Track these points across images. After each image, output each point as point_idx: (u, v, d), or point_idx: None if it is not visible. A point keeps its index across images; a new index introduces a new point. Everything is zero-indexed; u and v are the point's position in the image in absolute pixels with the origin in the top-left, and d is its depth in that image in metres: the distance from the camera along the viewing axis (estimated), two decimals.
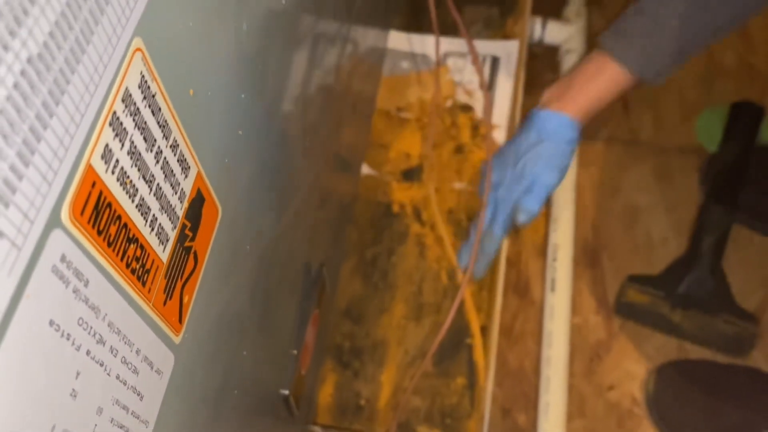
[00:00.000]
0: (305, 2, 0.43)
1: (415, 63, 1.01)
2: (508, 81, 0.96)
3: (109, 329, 0.23)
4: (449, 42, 0.98)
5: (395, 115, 0.98)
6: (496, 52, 0.99)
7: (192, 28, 0.26)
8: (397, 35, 1.00)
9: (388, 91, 0.99)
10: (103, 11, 0.20)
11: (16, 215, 0.17)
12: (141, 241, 0.25)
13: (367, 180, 0.95)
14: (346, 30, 0.59)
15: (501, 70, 0.98)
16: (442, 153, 0.96)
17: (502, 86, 0.96)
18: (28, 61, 0.17)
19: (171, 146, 0.26)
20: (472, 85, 0.97)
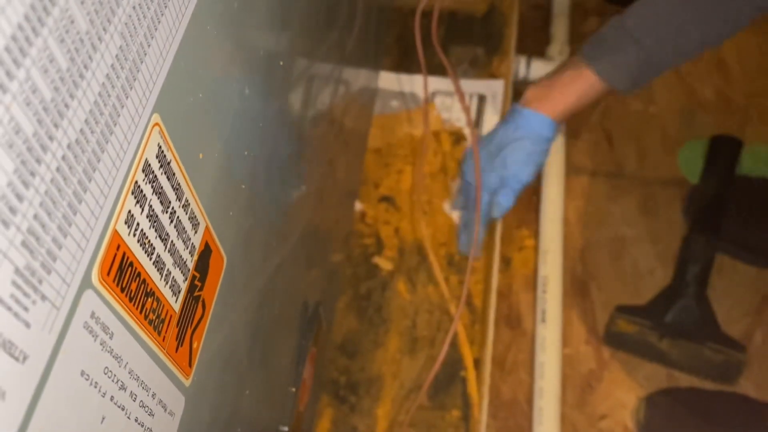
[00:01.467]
0: (301, 59, 0.46)
1: (405, 101, 1.04)
2: (494, 118, 1.00)
3: (129, 376, 0.26)
4: (437, 81, 1.02)
5: (386, 153, 1.01)
6: (483, 91, 1.03)
7: (201, 98, 0.29)
8: (387, 75, 1.03)
9: (379, 129, 1.02)
10: (128, 95, 0.23)
11: (56, 280, 0.20)
12: (157, 294, 0.27)
13: (360, 215, 0.98)
14: (338, 74, 0.62)
15: (487, 108, 1.02)
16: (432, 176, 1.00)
17: (489, 123, 1.00)
18: (68, 147, 0.19)
19: (183, 206, 0.29)
20: (460, 122, 1.01)
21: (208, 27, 0.29)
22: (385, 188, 1.00)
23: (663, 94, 1.16)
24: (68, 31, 0.19)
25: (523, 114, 0.86)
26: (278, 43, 0.40)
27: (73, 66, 0.19)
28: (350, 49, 0.68)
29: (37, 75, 0.18)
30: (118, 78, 0.22)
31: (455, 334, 0.92)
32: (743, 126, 1.11)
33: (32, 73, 0.17)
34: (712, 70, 1.19)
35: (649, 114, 1.14)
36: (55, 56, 0.18)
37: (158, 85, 0.25)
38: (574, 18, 1.19)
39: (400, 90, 1.05)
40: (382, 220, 0.99)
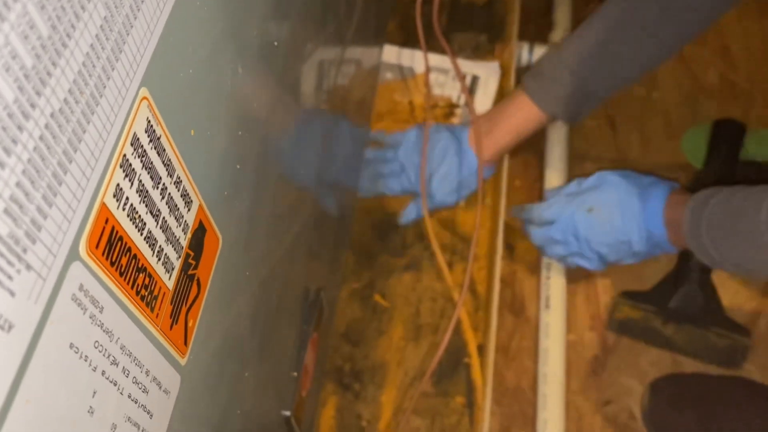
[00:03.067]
0: (297, 42, 0.46)
1: (401, 73, 1.06)
2: (486, 98, 1.00)
3: (121, 352, 0.26)
4: (432, 58, 1.03)
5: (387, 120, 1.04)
6: (477, 72, 1.03)
7: (192, 74, 0.29)
8: (389, 49, 1.05)
9: (378, 98, 1.04)
10: (114, 67, 0.22)
11: (41, 250, 0.20)
12: (149, 270, 0.27)
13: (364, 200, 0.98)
14: (337, 58, 0.62)
15: (479, 88, 1.03)
16: None
17: (479, 102, 1.00)
18: (51, 116, 0.19)
19: (175, 183, 0.28)
20: (452, 99, 1.02)
21: (198, 2, 0.29)
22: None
23: (666, 79, 1.15)
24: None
25: (469, 154, 0.91)
26: (272, 24, 0.39)
27: (54, 34, 0.19)
28: (350, 36, 0.68)
29: (17, 41, 0.17)
30: (104, 49, 0.22)
31: (459, 321, 0.91)
32: (747, 111, 1.10)
33: (11, 39, 0.17)
34: (716, 55, 1.18)
35: (653, 100, 1.13)
36: (36, 23, 0.18)
37: (146, 58, 0.25)
38: (577, 3, 1.18)
39: (398, 63, 1.06)
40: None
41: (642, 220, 0.78)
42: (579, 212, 0.82)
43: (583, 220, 0.82)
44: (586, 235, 0.82)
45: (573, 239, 0.84)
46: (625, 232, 0.79)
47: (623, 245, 0.81)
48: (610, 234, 0.80)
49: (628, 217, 0.79)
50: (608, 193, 0.81)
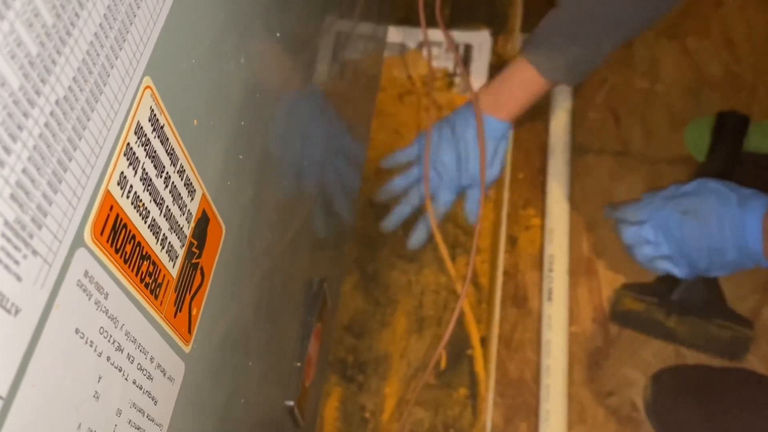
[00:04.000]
0: (299, 34, 0.46)
1: (396, 50, 1.09)
2: (481, 65, 1.05)
3: (126, 338, 0.26)
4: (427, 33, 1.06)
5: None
6: (469, 41, 1.08)
7: (195, 64, 0.29)
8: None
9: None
10: (117, 56, 0.23)
11: (47, 236, 0.20)
12: (153, 258, 0.27)
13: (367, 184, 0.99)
14: (339, 51, 0.62)
15: (474, 55, 1.07)
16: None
17: (476, 70, 1.05)
18: (56, 103, 0.20)
19: (178, 172, 0.29)
20: (449, 70, 1.06)
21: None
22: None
23: (669, 71, 1.15)
24: None
25: (486, 120, 0.92)
26: (275, 15, 0.40)
27: (59, 22, 0.19)
28: (353, 23, 0.68)
29: (22, 29, 0.18)
30: (107, 38, 0.22)
31: (462, 313, 0.92)
32: (751, 103, 1.09)
33: (16, 26, 0.18)
34: (719, 47, 1.17)
35: (656, 92, 1.13)
36: (40, 11, 0.18)
37: (149, 48, 0.25)
38: None
39: (392, 41, 1.09)
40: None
41: (738, 228, 0.76)
42: (674, 213, 0.80)
43: (676, 222, 0.80)
44: (678, 237, 0.80)
45: (664, 240, 0.82)
46: (720, 240, 0.77)
47: (715, 252, 0.78)
48: (704, 239, 0.78)
49: (725, 225, 0.77)
50: (706, 198, 0.79)
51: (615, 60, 1.16)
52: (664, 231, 0.82)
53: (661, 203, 0.83)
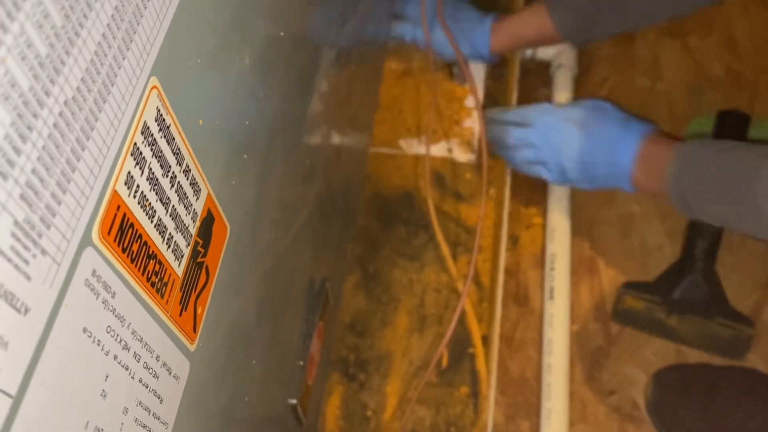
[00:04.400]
0: (303, 32, 0.46)
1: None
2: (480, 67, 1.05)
3: (132, 336, 0.26)
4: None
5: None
6: None
7: (200, 64, 0.29)
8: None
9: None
10: (124, 56, 0.23)
11: (56, 235, 0.20)
12: (159, 257, 0.27)
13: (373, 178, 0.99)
14: (344, 48, 0.62)
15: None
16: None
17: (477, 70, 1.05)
18: (65, 103, 0.20)
19: (184, 171, 0.29)
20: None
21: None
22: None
23: (671, 70, 1.15)
24: None
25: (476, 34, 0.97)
26: (279, 14, 0.40)
27: (68, 23, 0.19)
28: (355, 26, 0.68)
29: (32, 30, 0.18)
30: (115, 38, 0.22)
31: (463, 311, 0.92)
32: (752, 101, 1.10)
33: (26, 28, 0.18)
34: (721, 46, 1.17)
35: (657, 90, 1.13)
36: (50, 12, 0.19)
37: (156, 47, 0.25)
38: None
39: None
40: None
41: (613, 145, 0.80)
42: (559, 120, 0.84)
43: (559, 129, 0.83)
44: (556, 143, 0.83)
45: (547, 146, 0.84)
46: (592, 153, 0.81)
47: (587, 165, 0.82)
48: (579, 150, 0.82)
49: (602, 139, 0.80)
50: (593, 113, 0.83)
51: (616, 58, 1.16)
52: (546, 136, 0.85)
53: (551, 109, 0.87)
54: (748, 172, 0.66)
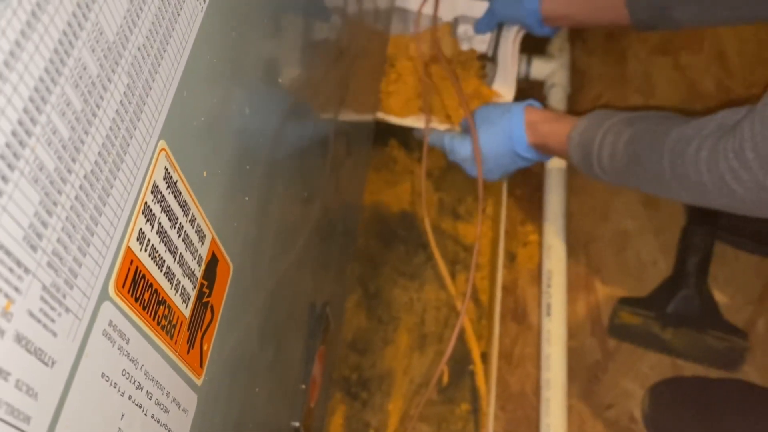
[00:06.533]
0: (300, 77, 0.48)
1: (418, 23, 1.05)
2: (507, 50, 1.02)
3: (145, 377, 0.28)
4: (463, 4, 1.04)
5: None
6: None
7: (204, 121, 0.32)
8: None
9: (395, 48, 1.03)
10: (136, 127, 0.25)
11: (78, 294, 0.23)
12: (168, 302, 0.30)
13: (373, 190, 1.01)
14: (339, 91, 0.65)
15: (502, 37, 1.03)
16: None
17: (503, 54, 1.02)
18: (84, 177, 0.22)
19: (190, 221, 0.31)
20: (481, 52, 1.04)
21: (208, 57, 0.31)
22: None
23: (663, 87, 1.18)
24: (81, 77, 0.21)
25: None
26: (277, 64, 0.42)
27: (86, 107, 0.22)
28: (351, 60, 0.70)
29: (57, 118, 0.20)
30: (127, 112, 0.25)
31: (462, 329, 0.94)
32: None
33: (52, 117, 0.20)
34: (712, 62, 1.20)
35: (649, 107, 1.15)
36: (71, 100, 0.21)
37: (163, 114, 0.28)
38: None
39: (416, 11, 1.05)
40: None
41: (503, 125, 0.86)
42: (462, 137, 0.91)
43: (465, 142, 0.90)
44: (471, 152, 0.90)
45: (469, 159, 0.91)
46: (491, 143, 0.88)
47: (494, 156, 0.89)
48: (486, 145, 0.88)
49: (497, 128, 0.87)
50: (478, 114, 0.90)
51: (609, 76, 1.18)
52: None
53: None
54: (652, 149, 0.69)
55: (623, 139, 0.72)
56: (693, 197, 0.67)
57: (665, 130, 0.68)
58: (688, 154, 0.64)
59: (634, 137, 0.71)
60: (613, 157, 0.74)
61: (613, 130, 0.74)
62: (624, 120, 0.75)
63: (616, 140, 0.73)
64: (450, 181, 1.08)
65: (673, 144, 0.66)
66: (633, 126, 0.72)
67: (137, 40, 0.25)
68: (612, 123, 0.75)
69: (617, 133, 0.73)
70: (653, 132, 0.69)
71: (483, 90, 1.00)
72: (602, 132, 0.75)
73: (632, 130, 0.72)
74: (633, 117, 0.75)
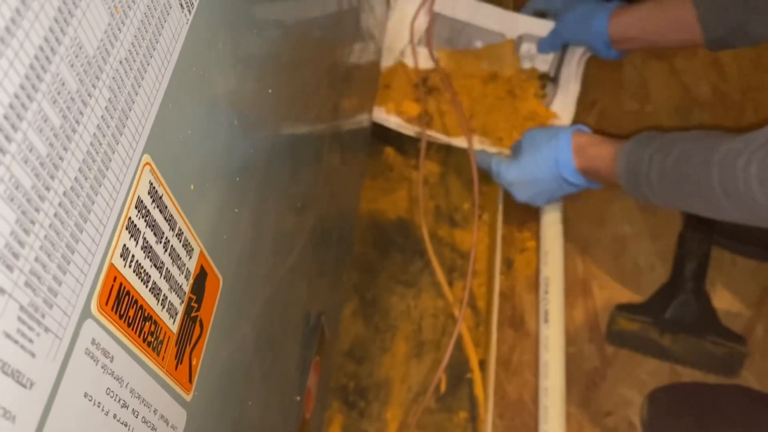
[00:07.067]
0: (291, 87, 0.48)
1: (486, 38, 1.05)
2: (570, 72, 1.02)
3: (131, 395, 0.28)
4: (527, 23, 1.04)
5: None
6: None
7: (190, 134, 0.31)
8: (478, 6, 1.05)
9: (455, 64, 1.03)
10: (118, 141, 0.25)
11: (58, 313, 0.22)
12: (154, 317, 0.29)
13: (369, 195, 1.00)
14: (332, 100, 0.64)
15: (566, 59, 1.03)
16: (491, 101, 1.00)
17: (565, 76, 1.02)
18: (64, 194, 0.22)
19: (176, 235, 0.31)
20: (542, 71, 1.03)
21: (194, 68, 0.31)
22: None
23: (659, 92, 1.17)
24: (60, 93, 0.21)
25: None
26: (267, 74, 0.42)
27: (65, 123, 0.22)
28: (344, 72, 0.70)
29: (34, 135, 0.20)
30: (108, 127, 0.24)
31: (460, 336, 0.93)
32: (739, 121, 1.12)
33: (29, 135, 0.20)
34: (707, 67, 1.20)
35: (645, 113, 1.15)
36: (49, 116, 0.21)
37: (147, 128, 0.27)
38: None
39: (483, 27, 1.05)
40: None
41: (550, 150, 0.86)
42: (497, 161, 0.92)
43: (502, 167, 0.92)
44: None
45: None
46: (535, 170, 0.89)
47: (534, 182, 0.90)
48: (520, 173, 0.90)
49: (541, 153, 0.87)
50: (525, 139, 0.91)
51: (605, 82, 1.18)
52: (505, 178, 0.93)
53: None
54: (700, 169, 0.68)
55: (671, 158, 0.71)
56: (744, 215, 0.66)
57: (713, 146, 0.66)
58: (737, 169, 0.62)
59: (682, 155, 0.70)
60: (662, 177, 0.72)
61: (661, 149, 0.73)
62: (671, 139, 0.73)
63: (664, 159, 0.72)
64: (446, 188, 1.08)
65: (721, 159, 0.65)
66: (680, 144, 0.71)
67: (119, 53, 0.24)
68: (659, 143, 0.74)
69: (665, 153, 0.72)
70: (701, 148, 0.68)
71: (540, 110, 0.99)
72: (650, 152, 0.74)
73: (680, 148, 0.71)
74: (680, 136, 0.73)
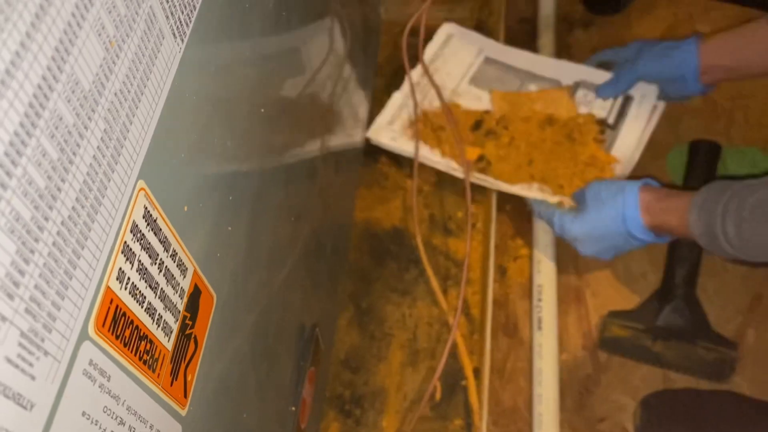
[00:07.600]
0: (283, 105, 0.49)
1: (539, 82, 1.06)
2: (637, 121, 1.01)
3: (128, 412, 0.29)
4: (584, 71, 1.04)
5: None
6: (631, 91, 1.03)
7: (184, 158, 0.33)
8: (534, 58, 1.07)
9: (509, 105, 1.03)
10: (114, 170, 0.26)
11: (56, 337, 0.23)
12: (150, 336, 0.30)
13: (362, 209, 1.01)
14: (325, 116, 0.65)
15: (632, 108, 1.02)
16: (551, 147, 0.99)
17: (629, 123, 1.01)
18: (62, 223, 0.23)
19: (171, 255, 0.32)
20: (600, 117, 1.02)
21: (187, 95, 0.32)
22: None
23: None
24: (57, 128, 0.22)
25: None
26: (259, 95, 0.43)
27: (63, 155, 0.23)
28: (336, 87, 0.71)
29: (33, 169, 0.21)
30: (104, 156, 0.25)
31: (455, 344, 0.94)
32: (728, 128, 1.13)
33: (28, 169, 0.21)
34: None
35: None
36: (47, 151, 0.22)
37: (142, 154, 0.28)
38: (561, 30, 1.22)
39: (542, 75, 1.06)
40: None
41: (616, 206, 0.83)
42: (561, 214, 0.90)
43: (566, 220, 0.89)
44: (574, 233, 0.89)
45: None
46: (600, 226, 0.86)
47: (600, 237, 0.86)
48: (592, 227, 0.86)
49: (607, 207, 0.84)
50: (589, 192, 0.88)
51: None
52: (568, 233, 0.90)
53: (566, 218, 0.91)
54: None
55: (749, 204, 0.68)
56: None
57: None
58: None
59: (759, 201, 0.67)
60: (739, 226, 0.69)
61: (736, 197, 0.70)
62: (745, 186, 0.70)
63: (741, 207, 0.69)
64: (440, 197, 1.09)
65: None
66: (757, 190, 0.68)
67: (114, 86, 0.25)
68: (733, 191, 0.71)
69: (741, 199, 0.69)
70: None
71: (600, 155, 0.96)
72: (724, 201, 0.71)
73: (757, 194, 0.68)
74: (755, 181, 0.70)
